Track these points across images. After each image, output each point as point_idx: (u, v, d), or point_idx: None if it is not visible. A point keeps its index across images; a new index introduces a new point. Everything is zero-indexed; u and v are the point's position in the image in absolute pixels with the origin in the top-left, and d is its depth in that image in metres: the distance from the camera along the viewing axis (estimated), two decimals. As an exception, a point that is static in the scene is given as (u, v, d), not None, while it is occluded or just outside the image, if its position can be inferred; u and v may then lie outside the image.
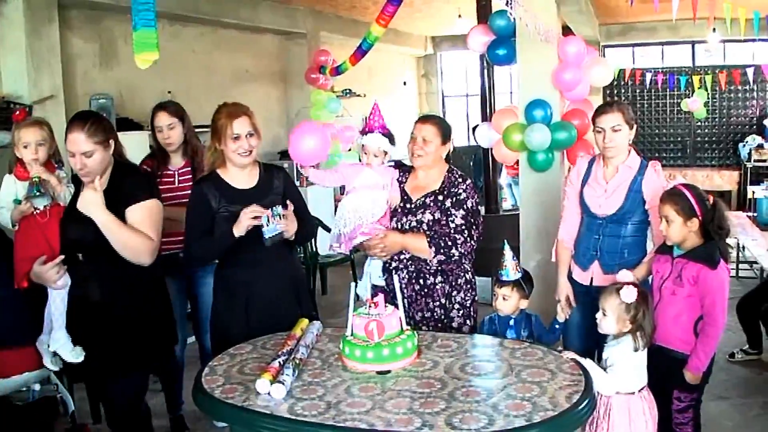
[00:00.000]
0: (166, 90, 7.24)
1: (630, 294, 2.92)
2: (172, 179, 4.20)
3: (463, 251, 3.41)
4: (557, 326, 3.34)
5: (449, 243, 3.39)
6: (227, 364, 2.86)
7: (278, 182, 3.45)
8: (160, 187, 4.03)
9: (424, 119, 3.55)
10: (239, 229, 3.20)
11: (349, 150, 8.36)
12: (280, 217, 3.21)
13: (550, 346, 2.97)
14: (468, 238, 3.41)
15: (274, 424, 2.38)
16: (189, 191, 4.01)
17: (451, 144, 3.55)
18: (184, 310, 4.40)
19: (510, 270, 3.28)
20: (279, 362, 2.66)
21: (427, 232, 3.42)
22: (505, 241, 3.33)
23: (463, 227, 3.41)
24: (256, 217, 3.17)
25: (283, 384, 2.51)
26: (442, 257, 3.40)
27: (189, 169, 4.21)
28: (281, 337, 3.05)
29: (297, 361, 2.71)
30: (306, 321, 3.15)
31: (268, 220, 3.18)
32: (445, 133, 3.49)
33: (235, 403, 2.50)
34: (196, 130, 7.26)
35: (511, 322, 3.28)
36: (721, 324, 3.10)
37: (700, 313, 3.12)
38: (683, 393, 3.21)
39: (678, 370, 3.15)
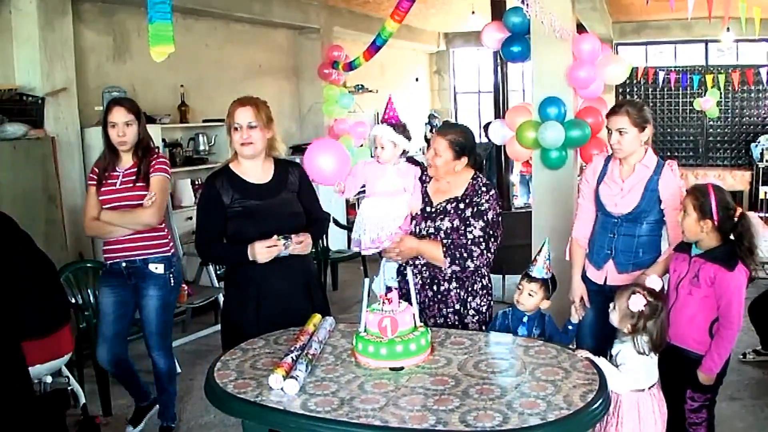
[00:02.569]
0: (178, 84, 7.27)
1: (637, 303, 2.92)
2: (115, 181, 3.91)
3: (478, 263, 3.32)
4: (570, 327, 3.32)
5: (465, 254, 3.30)
6: (240, 359, 2.86)
7: (293, 178, 3.44)
8: (102, 189, 3.87)
9: (442, 131, 3.42)
10: (255, 257, 3.22)
11: (361, 146, 8.36)
12: (290, 245, 3.27)
13: (564, 345, 2.96)
14: (485, 251, 3.31)
15: (287, 419, 2.38)
16: (130, 194, 3.86)
17: (466, 158, 3.39)
18: (131, 320, 4.11)
19: (542, 268, 3.25)
20: (292, 357, 2.66)
21: (444, 241, 3.34)
22: (547, 239, 3.33)
23: (481, 239, 3.31)
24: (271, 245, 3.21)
25: (296, 379, 2.50)
26: (457, 268, 3.32)
27: (135, 170, 3.90)
28: (294, 332, 3.04)
29: (310, 357, 2.70)
30: (318, 316, 3.13)
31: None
32: (458, 149, 3.35)
33: (247, 398, 2.49)
34: (208, 123, 7.39)
35: (525, 319, 3.26)
36: (737, 326, 3.08)
37: (716, 314, 3.11)
38: (696, 393, 3.20)
39: (692, 371, 3.15)
